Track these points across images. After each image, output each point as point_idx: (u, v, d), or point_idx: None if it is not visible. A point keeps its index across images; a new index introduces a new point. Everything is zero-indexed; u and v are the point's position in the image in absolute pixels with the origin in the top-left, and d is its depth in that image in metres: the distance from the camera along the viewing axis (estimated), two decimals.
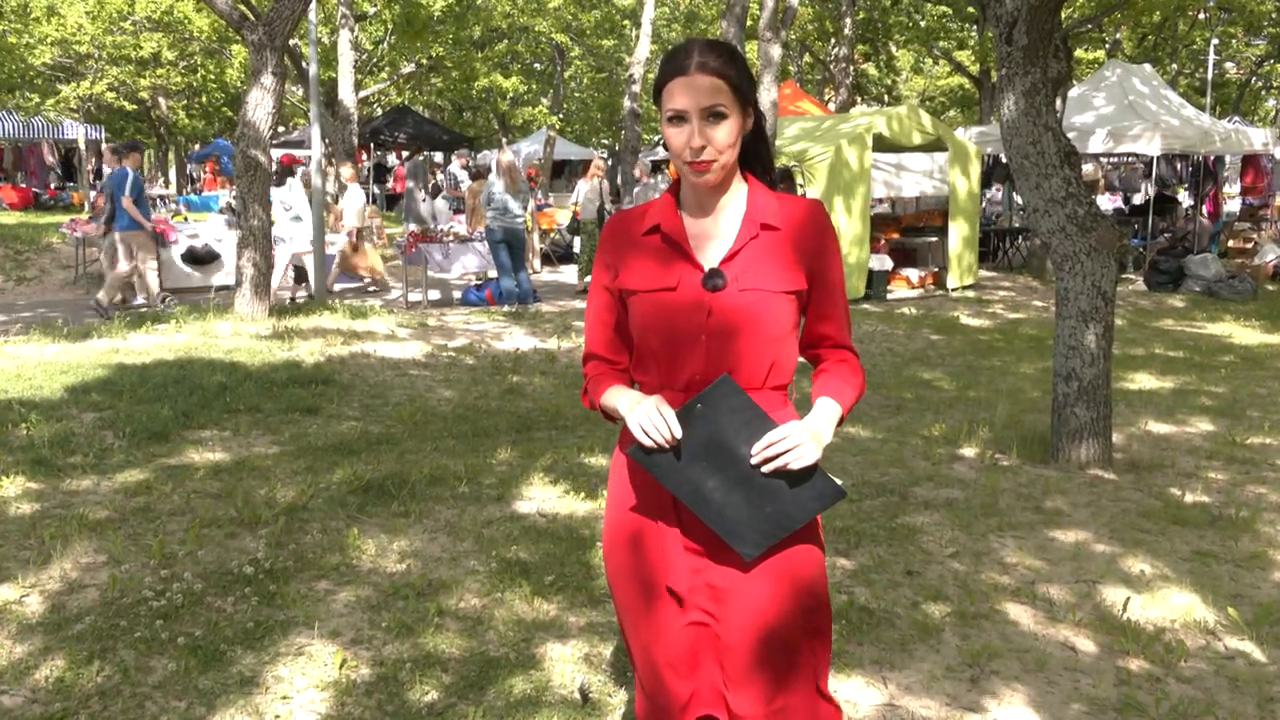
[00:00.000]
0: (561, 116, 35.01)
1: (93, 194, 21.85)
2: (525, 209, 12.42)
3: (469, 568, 4.25)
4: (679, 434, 1.92)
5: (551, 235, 18.22)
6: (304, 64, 20.11)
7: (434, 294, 13.25)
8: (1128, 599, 4.02)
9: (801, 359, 2.15)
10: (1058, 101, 5.92)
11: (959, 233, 14.19)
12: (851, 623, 3.77)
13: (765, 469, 1.92)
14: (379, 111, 32.86)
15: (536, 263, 16.62)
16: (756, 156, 2.12)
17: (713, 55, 1.98)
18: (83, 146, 28.06)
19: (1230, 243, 18.31)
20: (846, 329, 2.13)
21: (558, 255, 17.85)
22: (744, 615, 2.01)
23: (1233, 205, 23.60)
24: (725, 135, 1.98)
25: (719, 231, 2.07)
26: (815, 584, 2.06)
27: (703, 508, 1.96)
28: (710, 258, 2.04)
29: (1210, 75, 31.36)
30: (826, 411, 2.02)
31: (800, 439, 1.92)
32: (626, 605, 2.13)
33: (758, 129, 2.10)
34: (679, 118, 1.98)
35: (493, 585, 4.06)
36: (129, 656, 3.43)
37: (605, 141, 41.41)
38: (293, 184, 13.82)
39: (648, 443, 1.94)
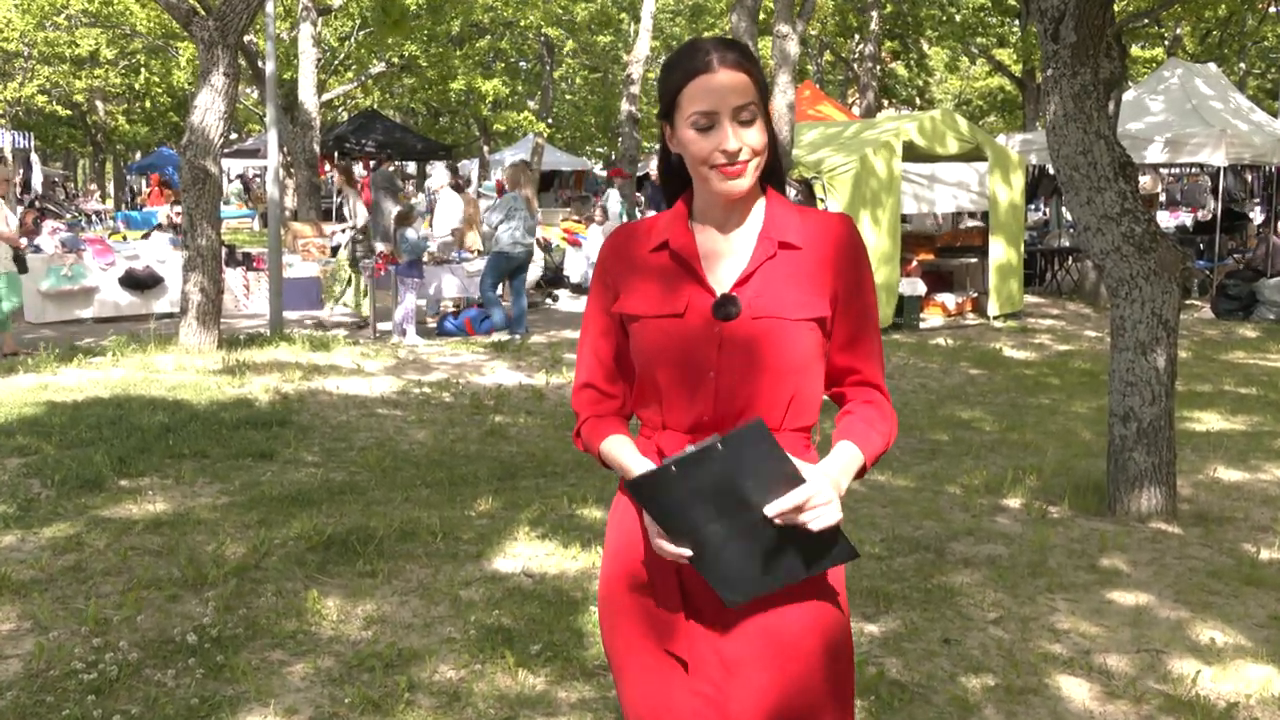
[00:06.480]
0: (550, 122, 35.24)
1: (20, 209, 21.93)
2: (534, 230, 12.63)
3: (444, 635, 4.24)
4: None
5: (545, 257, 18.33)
6: (260, 63, 20.28)
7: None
8: (1197, 671, 4.01)
9: (826, 397, 2.15)
10: (1111, 105, 5.96)
11: (1001, 253, 14.25)
12: (881, 699, 3.76)
13: (779, 521, 1.92)
14: (344, 116, 33.09)
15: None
16: (770, 169, 2.14)
17: (732, 51, 2.01)
18: (9, 155, 28.21)
19: None
20: (877, 363, 2.12)
21: (547, 279, 17.91)
22: (755, 694, 2.01)
23: None
24: (758, 137, 2.00)
25: (733, 249, 2.08)
26: (837, 657, 2.05)
27: (695, 551, 1.95)
28: (723, 279, 2.05)
29: None
30: (845, 459, 2.01)
31: (826, 498, 1.91)
32: (625, 671, 2.12)
33: (772, 137, 2.12)
34: (705, 119, 1.99)
35: (471, 655, 4.04)
36: None
37: (600, 150, 41.67)
38: (611, 194, 15.36)
39: (669, 552, 1.96)
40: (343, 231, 13.83)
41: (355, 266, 13.29)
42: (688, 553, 1.94)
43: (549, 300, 15.97)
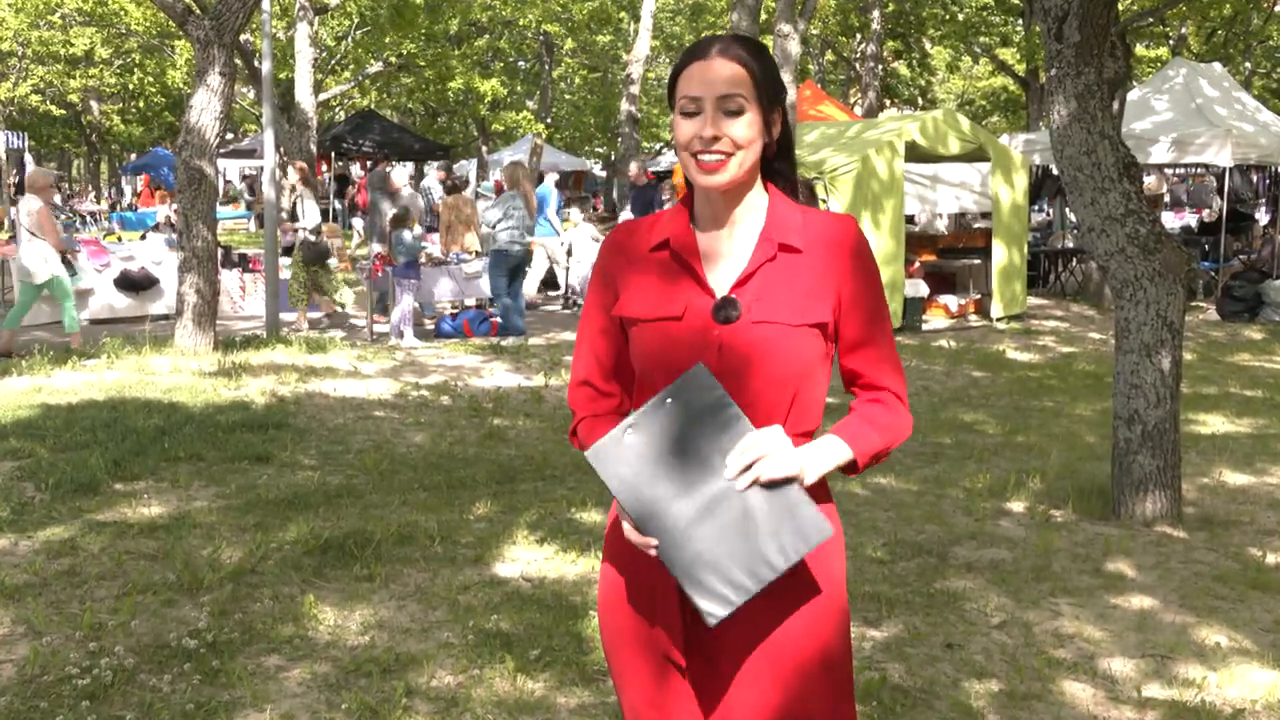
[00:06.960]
0: (549, 122, 35.25)
1: (13, 210, 21.91)
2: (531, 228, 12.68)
3: (442, 640, 4.24)
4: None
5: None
6: (256, 62, 20.28)
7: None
8: (1203, 676, 4.01)
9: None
10: (1115, 105, 5.97)
11: (1004, 254, 14.25)
12: (884, 704, 3.76)
13: (740, 484, 1.92)
14: (341, 116, 33.10)
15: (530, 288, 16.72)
16: (781, 175, 2.13)
17: (736, 44, 2.03)
18: (2, 155, 28.23)
19: None
20: (887, 368, 2.08)
21: (543, 281, 17.93)
22: (754, 700, 2.01)
23: None
24: (744, 130, 1.99)
25: (733, 250, 2.07)
26: (836, 664, 2.05)
27: (670, 545, 1.94)
28: (722, 280, 2.04)
29: None
30: (824, 443, 2.02)
31: (772, 446, 1.92)
32: (625, 674, 2.12)
33: (785, 143, 2.11)
34: (692, 104, 2.00)
35: (470, 660, 4.04)
36: None
37: (600, 150, 41.69)
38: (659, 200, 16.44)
39: (636, 542, 1.97)
40: (295, 232, 13.77)
41: (318, 264, 13.28)
42: (654, 542, 1.94)
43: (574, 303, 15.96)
